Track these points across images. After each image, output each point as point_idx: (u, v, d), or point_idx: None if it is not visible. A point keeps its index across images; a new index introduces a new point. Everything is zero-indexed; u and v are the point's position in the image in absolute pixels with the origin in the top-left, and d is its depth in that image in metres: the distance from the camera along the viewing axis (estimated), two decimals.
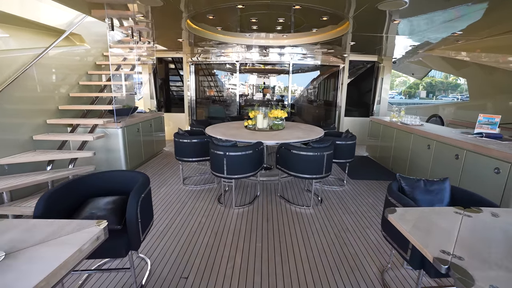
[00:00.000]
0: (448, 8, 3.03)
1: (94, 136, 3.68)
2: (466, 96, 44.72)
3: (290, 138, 3.58)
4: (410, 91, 54.75)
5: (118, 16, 4.02)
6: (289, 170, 3.23)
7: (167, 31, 4.66)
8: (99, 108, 4.42)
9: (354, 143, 3.88)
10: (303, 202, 3.49)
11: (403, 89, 51.11)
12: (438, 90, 58.80)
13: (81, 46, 4.83)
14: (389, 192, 1.86)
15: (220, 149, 3.02)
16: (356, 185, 4.18)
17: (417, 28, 3.85)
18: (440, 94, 57.25)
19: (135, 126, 4.82)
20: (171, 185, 4.06)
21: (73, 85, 4.56)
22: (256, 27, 4.50)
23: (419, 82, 57.94)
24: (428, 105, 8.60)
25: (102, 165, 4.45)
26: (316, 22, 4.22)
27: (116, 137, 4.36)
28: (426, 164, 3.86)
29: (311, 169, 3.10)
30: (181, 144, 3.80)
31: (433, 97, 55.33)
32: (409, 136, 4.35)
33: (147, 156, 5.38)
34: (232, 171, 3.06)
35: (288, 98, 7.29)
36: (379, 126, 5.52)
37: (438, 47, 5.45)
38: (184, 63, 7.20)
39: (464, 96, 52.48)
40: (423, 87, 57.01)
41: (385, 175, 4.72)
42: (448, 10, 3.08)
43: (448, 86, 57.87)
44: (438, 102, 12.42)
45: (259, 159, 3.28)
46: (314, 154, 3.04)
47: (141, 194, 1.78)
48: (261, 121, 4.13)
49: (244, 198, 3.58)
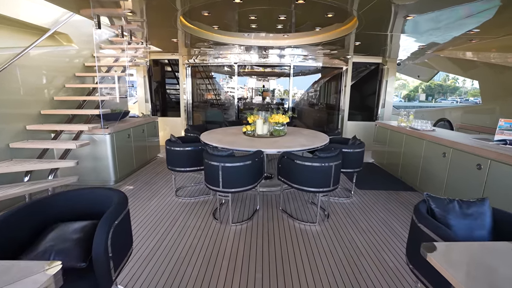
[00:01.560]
0: (465, 3, 2.72)
1: (77, 144, 3.34)
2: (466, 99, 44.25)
3: (292, 146, 3.24)
4: (409, 94, 54.74)
5: (106, 14, 3.71)
6: (292, 182, 2.89)
7: (160, 30, 4.34)
8: (85, 112, 4.09)
9: (362, 151, 3.55)
10: (308, 217, 3.15)
11: (403, 92, 51.10)
12: (437, 93, 58.86)
13: (68, 46, 4.51)
14: (418, 217, 1.52)
15: (215, 159, 2.69)
16: (364, 196, 3.84)
17: (430, 25, 3.54)
18: (440, 97, 57.28)
19: (125, 132, 4.49)
20: (162, 197, 3.71)
21: (59, 88, 4.23)
22: (255, 26, 4.19)
23: (418, 85, 57.98)
24: (434, 109, 8.30)
25: (89, 174, 4.10)
26: (320, 20, 3.92)
27: (103, 144, 4.02)
28: (441, 174, 3.53)
29: (317, 182, 2.76)
30: (173, 153, 3.46)
31: (432, 100, 55.31)
32: (421, 142, 4.03)
33: (139, 163, 5.04)
34: (229, 184, 2.72)
35: (289, 101, 6.97)
36: (386, 131, 5.19)
37: (447, 48, 5.15)
38: (180, 65, 6.88)
39: (463, 99, 52.58)
40: (422, 90, 57.04)
41: (394, 184, 4.38)
42: (465, 4, 2.77)
43: (447, 89, 57.91)
44: (445, 106, 12.13)
45: (259, 169, 2.94)
46: (321, 165, 2.71)
47: (113, 221, 1.44)
48: (261, 126, 3.81)
49: (242, 213, 3.24)
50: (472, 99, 50.98)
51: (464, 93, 57.88)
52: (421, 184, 4.01)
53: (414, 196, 3.88)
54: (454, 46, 4.96)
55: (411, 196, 3.88)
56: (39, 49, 3.89)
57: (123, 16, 3.69)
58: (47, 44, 4.16)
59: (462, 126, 5.92)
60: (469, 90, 58.37)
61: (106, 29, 5.08)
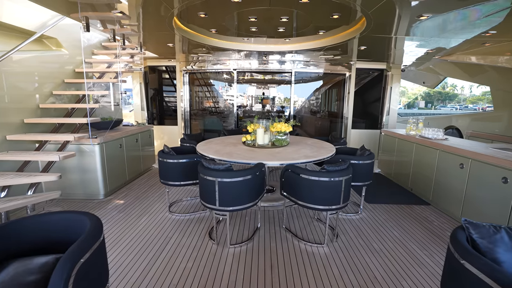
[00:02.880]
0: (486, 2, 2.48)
1: (61, 156, 3.05)
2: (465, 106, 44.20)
3: (297, 158, 2.96)
4: (408, 101, 54.89)
5: (96, 16, 3.48)
6: (297, 198, 2.59)
7: (154, 34, 4.11)
8: (72, 121, 3.81)
9: (372, 162, 3.26)
10: (315, 237, 2.83)
11: (402, 99, 51.24)
12: (437, 100, 59.09)
13: (57, 51, 4.27)
14: (461, 251, 1.22)
15: (210, 173, 2.39)
16: (374, 211, 3.53)
17: (442, 27, 3.31)
18: (439, 104, 57.44)
19: (117, 141, 4.20)
20: (154, 213, 3.40)
21: (46, 95, 3.97)
22: (255, 29, 3.96)
23: (417, 92, 58.15)
24: (440, 116, 8.04)
25: (76, 188, 3.80)
26: (325, 22, 3.69)
27: (92, 155, 3.73)
28: (458, 187, 3.23)
29: (326, 198, 2.46)
30: (166, 165, 3.16)
31: (432, 107, 55.41)
32: (433, 152, 3.74)
33: (132, 175, 4.74)
34: (226, 201, 2.42)
35: (290, 109, 6.71)
36: (393, 139, 4.92)
37: (456, 52, 4.92)
38: (177, 71, 6.65)
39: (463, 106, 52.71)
40: (422, 97, 57.22)
41: (405, 197, 4.08)
42: (486, 4, 2.54)
43: (446, 96, 58.12)
44: (452, 113, 11.91)
45: (260, 185, 2.65)
46: (329, 179, 2.41)
47: (78, 259, 1.14)
48: (262, 136, 3.52)
49: (242, 232, 2.92)
50: (471, 106, 51.13)
51: (463, 100, 58.12)
52: (435, 198, 3.70)
53: (428, 211, 3.57)
54: (463, 51, 4.73)
55: (425, 211, 3.57)
56: (25, 54, 3.64)
57: (114, 19, 3.46)
58: (34, 49, 3.92)
59: (473, 134, 5.64)
60: (467, 97, 58.57)
61: (97, 33, 4.86)
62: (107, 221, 3.15)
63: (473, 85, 59.01)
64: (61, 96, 4.22)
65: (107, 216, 3.28)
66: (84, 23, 3.27)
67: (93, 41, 4.76)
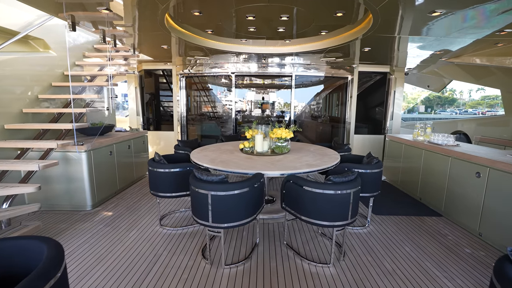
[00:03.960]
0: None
1: (40, 165, 2.79)
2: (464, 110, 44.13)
3: (298, 167, 2.70)
4: (408, 106, 54.89)
5: (85, 16, 3.27)
6: (300, 213, 2.33)
7: (147, 34, 3.88)
8: (56, 127, 3.56)
9: (380, 171, 3.01)
10: (319, 255, 2.56)
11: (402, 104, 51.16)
12: (436, 104, 59.15)
13: (45, 53, 4.05)
14: None
15: (202, 186, 2.13)
16: (382, 224, 3.26)
17: (455, 24, 3.08)
18: (438, 109, 57.43)
19: (106, 148, 3.94)
20: (144, 226, 3.13)
21: (31, 99, 3.73)
22: (253, 29, 3.74)
23: (416, 97, 58.22)
24: (445, 121, 7.81)
25: (61, 198, 3.54)
26: (327, 21, 3.46)
27: (78, 163, 3.47)
28: (475, 198, 2.97)
29: (332, 213, 2.20)
30: (157, 175, 2.90)
31: (431, 111, 55.37)
32: (445, 159, 3.49)
33: (124, 183, 4.47)
34: (220, 217, 2.15)
35: (291, 113, 6.48)
36: (399, 145, 4.67)
37: (464, 53, 4.70)
38: (173, 75, 6.43)
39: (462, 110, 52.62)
40: (421, 102, 57.25)
41: (414, 207, 3.81)
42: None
43: (445, 100, 58.16)
44: (458, 117, 11.71)
45: (259, 198, 2.38)
46: (336, 192, 2.15)
47: None
48: (261, 142, 3.27)
49: (238, 249, 2.65)
50: (471, 110, 51.04)
51: (462, 105, 58.12)
52: (447, 209, 3.44)
53: (440, 223, 3.30)
54: (472, 52, 4.50)
55: (438, 224, 3.30)
56: (9, 55, 3.41)
57: (104, 19, 3.23)
58: (19, 50, 3.70)
59: (483, 139, 5.39)
60: (467, 102, 58.57)
61: (88, 35, 4.65)
62: (92, 236, 2.87)
63: (472, 90, 59.09)
64: (50, 100, 3.99)
65: (92, 230, 3.01)
66: (70, 22, 3.04)
67: (79, 41, 4.54)
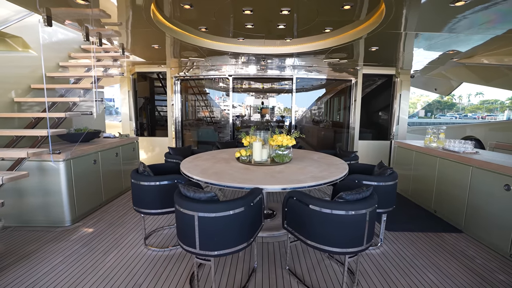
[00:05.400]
0: None
1: (5, 177, 2.42)
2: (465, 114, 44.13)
3: (302, 180, 2.34)
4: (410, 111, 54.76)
5: (67, 13, 2.94)
6: (305, 236, 1.95)
7: (134, 32, 3.55)
8: (29, 133, 3.19)
9: (395, 184, 2.64)
10: (328, 284, 2.17)
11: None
12: (436, 109, 59.10)
13: (24, 52, 3.71)
14: None
15: (188, 205, 1.77)
16: (396, 243, 2.88)
17: (481, 17, 2.75)
18: (438, 113, 57.38)
19: (90, 156, 3.58)
20: (127, 247, 2.75)
21: (6, 102, 3.38)
22: (251, 25, 3.40)
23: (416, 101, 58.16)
24: (453, 126, 7.47)
25: (36, 213, 3.16)
26: (333, 16, 3.14)
27: (55, 173, 3.10)
28: (504, 215, 2.60)
29: (344, 238, 1.83)
30: (140, 189, 2.53)
31: (431, 116, 55.26)
32: (465, 169, 3.13)
33: (111, 194, 4.10)
34: (210, 243, 1.78)
35: (292, 118, 6.13)
36: (409, 152, 4.31)
37: (478, 53, 4.37)
38: (167, 78, 6.10)
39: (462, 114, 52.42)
40: (422, 106, 57.19)
41: (430, 221, 3.43)
42: None
43: (445, 105, 58.13)
44: (467, 122, 11.38)
45: (256, 217, 2.01)
46: (349, 213, 1.78)
47: None
48: (259, 151, 2.91)
49: (233, 277, 2.27)
50: (471, 115, 50.90)
51: (462, 109, 58.05)
52: (469, 224, 3.06)
53: (463, 242, 2.92)
54: (486, 52, 4.18)
55: (459, 242, 2.92)
56: None
57: (84, 12, 2.90)
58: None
59: (498, 145, 5.04)
60: (466, 106, 58.53)
61: (72, 33, 4.32)
62: (65, 260, 2.49)
63: (471, 94, 59.04)
64: (29, 104, 3.65)
65: (66, 252, 2.63)
66: (45, 16, 2.71)
67: (56, 37, 4.20)
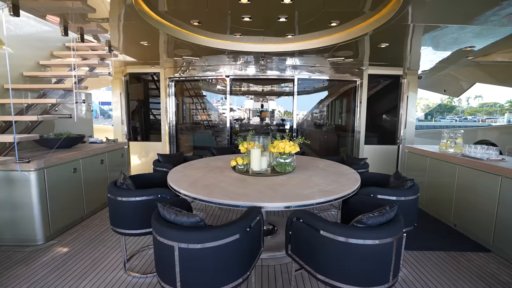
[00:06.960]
0: None
1: None
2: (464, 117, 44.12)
3: (309, 194, 1.96)
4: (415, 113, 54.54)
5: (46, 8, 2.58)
6: (314, 268, 1.57)
7: (115, 24, 3.18)
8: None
9: (417, 198, 2.26)
10: None
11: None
12: (436, 112, 58.95)
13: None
14: None
15: (166, 232, 1.38)
16: (418, 266, 2.49)
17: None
18: (438, 116, 57.20)
19: (69, 165, 3.20)
20: (104, 271, 2.35)
21: None
22: (248, 18, 3.04)
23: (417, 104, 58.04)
24: (464, 129, 7.11)
25: (2, 231, 2.76)
26: (341, 6, 2.78)
27: (24, 185, 2.72)
28: None
29: (365, 273, 1.44)
30: (118, 205, 2.15)
31: (431, 119, 55.04)
32: (492, 178, 2.75)
33: (94, 206, 3.70)
34: (194, 282, 1.39)
35: (294, 122, 5.76)
36: (422, 159, 3.93)
37: (495, 51, 4.02)
38: (161, 79, 5.75)
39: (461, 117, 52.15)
40: (422, 109, 57.08)
41: (451, 237, 3.05)
42: None
43: (444, 108, 57.96)
44: (479, 125, 11.08)
45: (254, 243, 1.63)
46: (373, 242, 1.40)
47: None
48: (258, 159, 2.54)
49: None
50: (470, 118, 50.69)
51: (461, 112, 57.88)
52: (500, 242, 2.67)
53: (493, 264, 2.53)
54: (507, 49, 3.83)
55: (489, 263, 2.53)
56: None
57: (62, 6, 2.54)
58: None
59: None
60: (465, 109, 58.37)
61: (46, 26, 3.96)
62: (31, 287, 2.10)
63: (470, 97, 58.89)
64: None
65: (31, 279, 2.23)
66: (10, 4, 2.34)
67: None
